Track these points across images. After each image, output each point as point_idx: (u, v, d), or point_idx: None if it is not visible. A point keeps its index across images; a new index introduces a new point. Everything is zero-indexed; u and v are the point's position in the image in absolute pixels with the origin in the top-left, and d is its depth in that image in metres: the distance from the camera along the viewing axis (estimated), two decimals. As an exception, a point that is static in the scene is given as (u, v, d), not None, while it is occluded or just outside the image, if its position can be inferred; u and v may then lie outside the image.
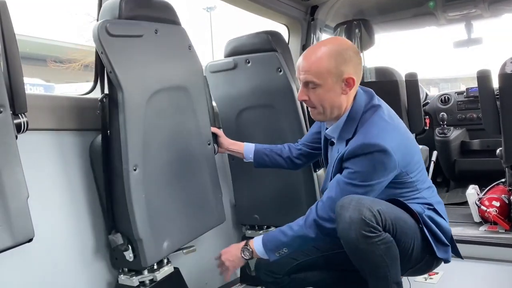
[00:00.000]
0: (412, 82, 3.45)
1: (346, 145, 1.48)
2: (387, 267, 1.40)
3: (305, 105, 2.19)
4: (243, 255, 1.55)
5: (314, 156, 1.89)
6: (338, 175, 1.48)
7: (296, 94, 2.11)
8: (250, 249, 1.54)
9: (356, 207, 1.34)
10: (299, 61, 1.48)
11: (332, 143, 1.63)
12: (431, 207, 1.57)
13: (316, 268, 1.67)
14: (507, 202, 2.60)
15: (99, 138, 1.61)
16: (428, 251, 1.53)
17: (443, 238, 1.56)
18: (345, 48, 1.46)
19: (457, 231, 2.59)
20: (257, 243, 1.54)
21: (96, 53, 1.53)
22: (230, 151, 1.95)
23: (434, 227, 1.55)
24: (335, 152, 1.55)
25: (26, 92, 1.26)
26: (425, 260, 1.56)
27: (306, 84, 1.46)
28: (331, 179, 1.54)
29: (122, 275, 1.67)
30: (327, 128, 1.62)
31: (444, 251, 1.56)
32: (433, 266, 1.61)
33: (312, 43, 2.98)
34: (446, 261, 1.58)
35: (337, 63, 1.43)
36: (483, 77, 2.71)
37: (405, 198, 1.53)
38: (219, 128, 2.13)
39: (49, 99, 1.67)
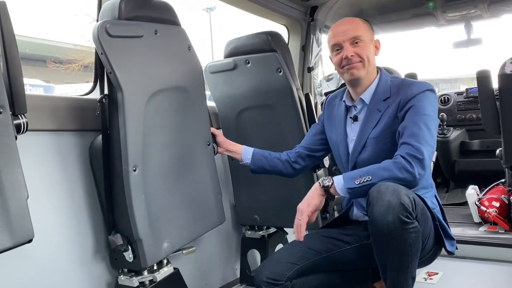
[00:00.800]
0: (411, 82, 3.44)
1: (385, 101, 1.63)
2: (411, 257, 1.42)
3: (304, 105, 2.20)
4: (321, 183, 1.51)
5: (312, 158, 1.89)
6: (407, 119, 1.54)
7: (296, 95, 2.12)
8: (331, 179, 1.51)
9: (394, 192, 1.36)
10: (339, 27, 1.66)
11: (356, 118, 1.71)
12: (432, 190, 1.67)
13: (317, 271, 1.67)
14: (506, 202, 2.60)
15: (99, 138, 1.61)
16: (435, 242, 1.60)
17: (450, 232, 1.64)
18: None
19: (457, 231, 2.59)
20: (337, 176, 1.53)
21: (96, 53, 1.53)
22: (228, 152, 1.95)
23: (443, 222, 1.62)
24: (374, 114, 1.65)
25: (25, 92, 1.26)
26: (432, 252, 1.62)
27: (352, 41, 1.63)
28: (364, 146, 1.65)
29: (122, 276, 1.67)
30: (348, 105, 1.74)
31: (451, 244, 1.64)
32: (435, 257, 1.68)
33: (312, 43, 2.99)
34: (451, 253, 1.64)
35: (369, 28, 1.70)
36: (482, 78, 2.71)
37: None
38: (218, 128, 2.13)
39: (49, 100, 1.67)
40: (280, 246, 2.40)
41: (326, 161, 2.14)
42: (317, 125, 1.92)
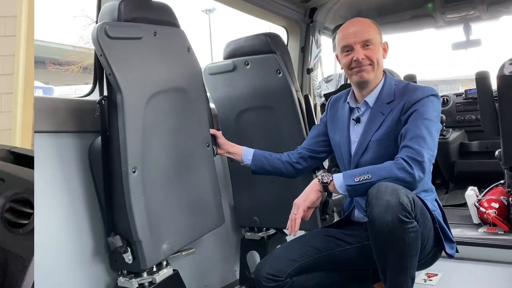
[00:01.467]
0: (410, 84, 3.45)
1: (388, 104, 1.64)
2: (411, 258, 1.42)
3: (304, 107, 2.20)
4: (320, 179, 1.54)
5: (315, 160, 1.89)
6: (409, 122, 1.55)
7: (295, 96, 2.12)
8: (330, 176, 1.53)
9: (393, 192, 1.37)
10: (350, 29, 1.65)
11: (359, 120, 1.71)
12: (433, 194, 1.67)
13: (317, 269, 1.67)
14: (506, 203, 2.60)
15: (98, 140, 1.61)
16: (435, 244, 1.60)
17: (451, 235, 1.65)
18: None
19: (456, 232, 2.59)
20: (337, 173, 1.54)
21: (95, 55, 1.53)
22: (229, 154, 1.95)
23: (444, 224, 1.63)
24: (378, 116, 1.65)
25: (25, 94, 1.26)
26: (431, 254, 1.62)
27: (363, 44, 1.63)
28: (366, 148, 1.65)
29: (121, 277, 1.66)
30: (352, 107, 1.74)
31: (451, 247, 1.64)
32: (435, 259, 1.67)
33: (311, 45, 2.99)
34: (451, 256, 1.64)
35: (379, 30, 1.70)
36: (481, 79, 2.72)
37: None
38: (218, 130, 2.13)
39: (48, 101, 1.67)
40: (279, 247, 2.39)
41: (325, 163, 2.14)
42: (319, 126, 1.92)
